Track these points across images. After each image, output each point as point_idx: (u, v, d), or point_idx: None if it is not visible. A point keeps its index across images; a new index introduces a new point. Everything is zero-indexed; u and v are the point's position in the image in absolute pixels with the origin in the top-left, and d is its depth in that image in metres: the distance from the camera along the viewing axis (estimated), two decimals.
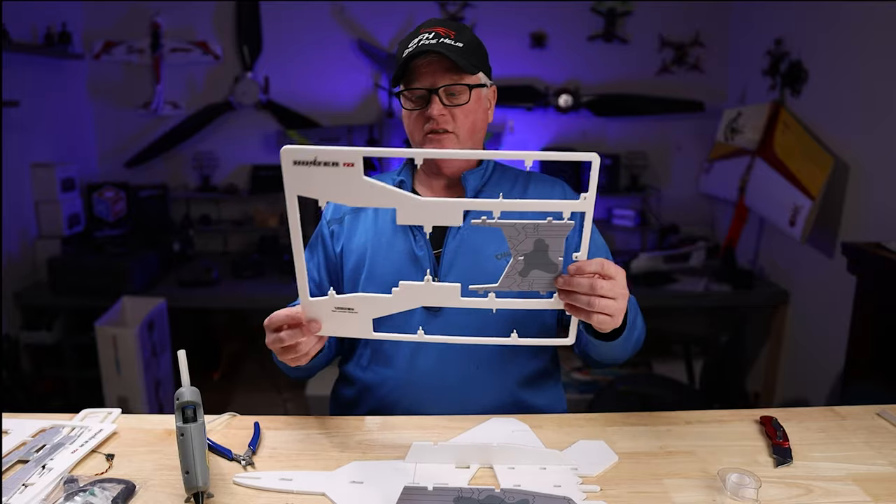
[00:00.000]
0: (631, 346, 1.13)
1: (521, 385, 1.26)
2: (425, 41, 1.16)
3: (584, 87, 3.73)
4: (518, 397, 1.26)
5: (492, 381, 1.23)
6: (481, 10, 3.69)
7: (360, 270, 1.24)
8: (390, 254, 1.23)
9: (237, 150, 3.88)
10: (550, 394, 1.33)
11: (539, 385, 1.30)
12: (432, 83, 1.17)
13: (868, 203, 2.49)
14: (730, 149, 3.37)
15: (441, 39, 1.16)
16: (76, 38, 3.53)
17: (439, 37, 1.16)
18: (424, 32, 1.18)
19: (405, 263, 1.22)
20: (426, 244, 1.22)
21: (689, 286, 3.15)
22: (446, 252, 1.22)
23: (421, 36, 1.17)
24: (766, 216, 3.10)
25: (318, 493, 0.95)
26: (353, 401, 1.29)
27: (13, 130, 2.99)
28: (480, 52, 1.23)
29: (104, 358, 2.74)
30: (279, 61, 3.75)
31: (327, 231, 1.30)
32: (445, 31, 1.18)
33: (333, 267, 1.30)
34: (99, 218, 3.64)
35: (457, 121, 1.18)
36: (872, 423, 1.16)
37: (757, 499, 0.91)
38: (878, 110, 2.43)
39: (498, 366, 1.23)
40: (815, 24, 2.86)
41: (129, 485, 0.94)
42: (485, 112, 1.24)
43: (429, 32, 1.17)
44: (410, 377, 1.22)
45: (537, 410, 1.27)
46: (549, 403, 1.32)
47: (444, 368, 1.21)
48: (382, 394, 1.24)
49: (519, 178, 1.30)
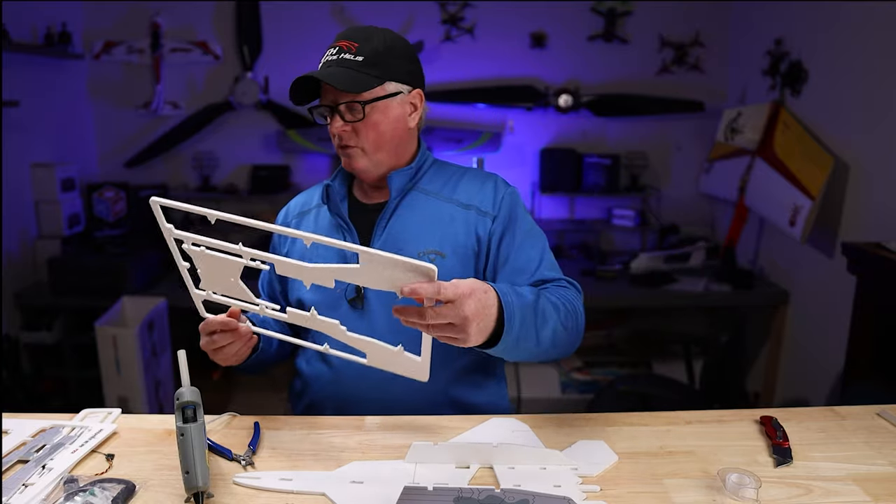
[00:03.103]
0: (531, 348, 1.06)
1: (453, 382, 1.25)
2: (329, 57, 1.19)
3: (584, 87, 3.73)
4: (451, 395, 1.25)
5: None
6: (481, 10, 3.69)
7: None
8: (324, 253, 1.25)
9: (237, 150, 3.88)
10: (491, 391, 1.31)
11: (476, 382, 1.28)
12: (333, 100, 1.19)
13: (868, 203, 2.49)
14: (730, 149, 3.37)
15: (342, 55, 1.17)
16: (76, 38, 3.53)
17: (341, 51, 1.18)
18: (332, 47, 1.20)
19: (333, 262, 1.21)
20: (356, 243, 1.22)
21: (689, 286, 3.15)
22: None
23: (328, 51, 1.20)
24: (766, 216, 3.10)
25: (318, 493, 0.95)
26: (298, 393, 1.33)
27: (13, 130, 2.98)
28: (390, 59, 1.19)
29: (104, 358, 2.74)
30: (279, 61, 3.75)
31: (277, 239, 1.35)
32: (348, 44, 1.18)
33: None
34: (99, 218, 3.64)
35: (359, 135, 1.20)
36: (872, 423, 1.16)
37: (757, 499, 0.91)
38: (878, 110, 2.43)
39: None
40: (815, 24, 2.86)
41: (129, 485, 0.94)
42: (397, 120, 1.22)
43: (334, 47, 1.19)
44: (339, 374, 1.24)
45: (476, 409, 1.25)
46: (490, 401, 1.30)
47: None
48: (317, 388, 1.27)
49: (454, 174, 1.30)
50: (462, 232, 1.23)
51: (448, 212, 1.24)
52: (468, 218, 1.24)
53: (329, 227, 1.28)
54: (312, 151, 3.82)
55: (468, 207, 1.24)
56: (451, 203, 1.25)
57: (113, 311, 2.85)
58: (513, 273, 1.22)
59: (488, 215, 1.24)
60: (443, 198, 1.26)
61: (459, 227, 1.23)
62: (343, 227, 1.26)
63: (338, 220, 1.27)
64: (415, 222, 1.24)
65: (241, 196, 3.82)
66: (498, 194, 1.26)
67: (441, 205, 1.25)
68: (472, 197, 1.26)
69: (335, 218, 1.27)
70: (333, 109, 1.19)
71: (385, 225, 1.24)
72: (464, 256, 1.22)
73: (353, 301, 1.23)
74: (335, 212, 1.27)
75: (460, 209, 1.24)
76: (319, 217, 1.32)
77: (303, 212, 1.35)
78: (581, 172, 3.78)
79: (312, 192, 1.38)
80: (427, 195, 1.26)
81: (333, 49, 1.19)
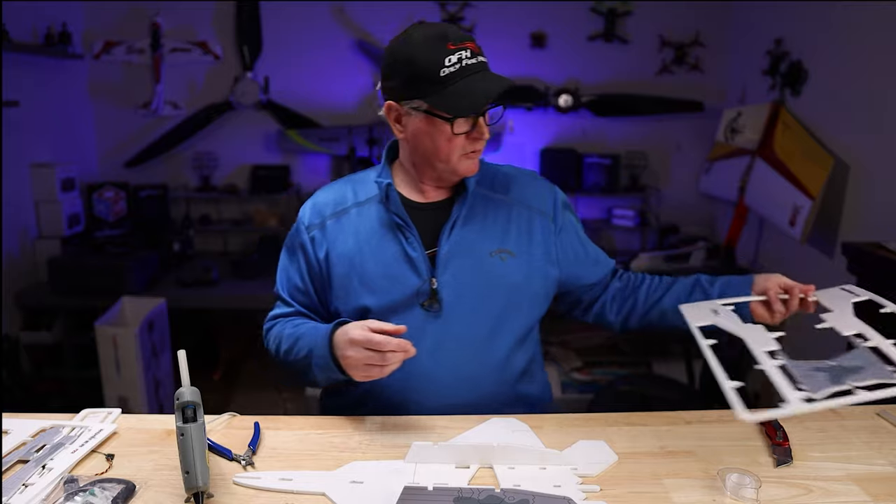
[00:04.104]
0: None
1: (520, 378, 1.28)
2: (469, 60, 1.12)
3: (584, 87, 3.73)
4: (519, 391, 1.28)
5: (494, 378, 1.24)
6: (481, 10, 3.69)
7: (353, 276, 1.23)
8: (380, 255, 1.22)
9: (237, 150, 3.88)
10: (543, 382, 1.36)
11: (532, 374, 1.32)
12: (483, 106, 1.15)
13: (868, 203, 2.49)
14: (730, 149, 3.37)
15: (479, 58, 1.14)
16: (76, 38, 3.53)
17: (475, 54, 1.13)
18: (461, 49, 1.12)
19: (397, 265, 1.21)
20: (419, 245, 1.21)
21: None
22: (441, 252, 1.21)
23: (461, 53, 1.12)
24: (766, 216, 3.10)
25: (318, 493, 0.95)
26: (358, 400, 1.27)
27: (13, 130, 2.98)
28: None
29: (104, 358, 2.74)
30: (279, 61, 3.75)
31: (307, 237, 1.27)
32: (473, 45, 1.14)
33: (317, 273, 1.27)
34: (99, 218, 3.64)
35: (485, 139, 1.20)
36: (872, 423, 1.16)
37: (757, 499, 0.91)
38: (877, 110, 2.43)
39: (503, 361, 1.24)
40: (815, 24, 2.86)
41: (129, 485, 0.94)
42: None
43: (464, 49, 1.12)
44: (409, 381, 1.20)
45: (532, 400, 1.29)
46: (542, 390, 1.35)
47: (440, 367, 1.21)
48: (386, 396, 1.23)
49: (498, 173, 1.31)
50: (525, 231, 1.26)
51: (511, 211, 1.26)
52: (531, 217, 1.27)
53: (381, 226, 1.23)
54: (312, 151, 3.82)
55: (529, 207, 1.27)
56: (511, 202, 1.27)
57: (113, 311, 2.85)
58: (595, 265, 1.35)
59: (548, 216, 1.28)
60: (501, 197, 1.27)
61: (524, 227, 1.26)
62: (403, 226, 1.21)
63: (396, 219, 1.22)
64: (481, 221, 1.24)
65: (241, 196, 3.82)
66: (552, 194, 1.31)
67: (501, 204, 1.27)
68: (528, 197, 1.29)
69: (392, 216, 1.22)
70: (478, 114, 1.15)
71: (453, 225, 1.22)
72: (529, 255, 1.25)
73: (427, 304, 1.20)
74: (395, 211, 1.22)
75: (522, 209, 1.27)
76: (363, 216, 1.25)
77: (338, 212, 1.27)
78: (581, 172, 3.78)
79: (339, 189, 1.30)
80: (487, 195, 1.27)
81: (465, 52, 1.12)
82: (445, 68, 1.10)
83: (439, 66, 1.10)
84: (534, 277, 1.25)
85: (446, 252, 1.21)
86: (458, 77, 1.11)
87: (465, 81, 1.11)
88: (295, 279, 1.30)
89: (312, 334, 1.18)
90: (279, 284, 1.33)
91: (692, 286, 1.34)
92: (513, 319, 1.24)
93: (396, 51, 1.16)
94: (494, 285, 1.22)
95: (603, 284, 1.38)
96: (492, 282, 1.21)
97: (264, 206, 3.88)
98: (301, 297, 1.31)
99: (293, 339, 1.22)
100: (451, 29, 1.14)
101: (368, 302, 1.21)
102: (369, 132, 3.66)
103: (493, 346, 1.23)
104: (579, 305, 1.40)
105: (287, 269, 1.31)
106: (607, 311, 1.37)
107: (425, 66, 1.11)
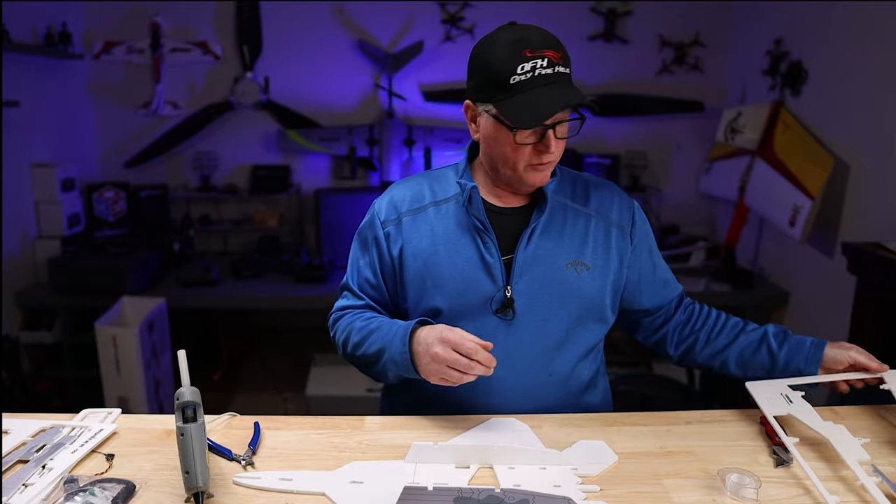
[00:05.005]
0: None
1: (585, 388, 1.27)
2: (543, 70, 1.08)
3: (584, 87, 3.72)
4: (585, 401, 1.27)
5: (560, 388, 1.23)
6: (481, 10, 3.69)
7: (426, 277, 1.20)
8: (456, 258, 1.19)
9: (237, 150, 3.88)
10: (603, 389, 1.34)
11: (596, 384, 1.31)
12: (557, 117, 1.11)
13: (868, 203, 2.49)
14: (730, 149, 3.37)
15: (557, 68, 1.09)
16: (76, 38, 3.53)
17: (553, 64, 1.09)
18: (538, 57, 1.08)
19: (474, 269, 1.19)
20: (496, 250, 1.19)
21: (690, 286, 3.14)
22: (518, 260, 1.19)
23: (537, 61, 1.08)
24: (766, 216, 3.10)
25: (318, 493, 0.95)
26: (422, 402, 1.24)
27: (13, 130, 2.98)
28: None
29: (104, 358, 2.74)
30: (279, 61, 3.75)
31: (382, 233, 1.24)
32: (554, 54, 1.09)
33: (389, 269, 1.25)
34: (99, 218, 3.64)
35: (559, 150, 1.15)
36: (872, 423, 1.16)
37: (757, 499, 0.91)
38: (877, 110, 2.43)
39: (569, 372, 1.23)
40: (815, 24, 2.86)
41: (129, 485, 0.94)
42: None
43: (541, 58, 1.08)
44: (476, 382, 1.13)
45: (594, 409, 1.28)
46: (605, 398, 1.34)
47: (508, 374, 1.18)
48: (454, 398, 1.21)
49: (576, 180, 1.28)
50: (603, 245, 1.22)
51: (588, 222, 1.23)
52: (608, 230, 1.23)
53: (458, 228, 1.21)
54: (312, 151, 3.82)
55: (606, 220, 1.24)
56: (589, 213, 1.23)
57: (113, 311, 2.85)
58: (663, 287, 1.31)
59: (625, 230, 1.24)
60: (580, 207, 1.23)
61: (601, 240, 1.22)
62: (482, 230, 1.19)
63: (476, 223, 1.19)
64: (559, 231, 1.21)
65: (241, 196, 3.82)
66: (630, 208, 1.27)
67: (580, 214, 1.23)
68: (605, 208, 1.24)
69: (473, 220, 1.19)
70: (548, 126, 1.11)
71: (531, 233, 1.19)
72: (604, 269, 1.22)
73: (501, 311, 1.18)
74: (476, 214, 1.19)
75: (600, 221, 1.23)
76: (441, 216, 1.23)
77: (414, 209, 1.24)
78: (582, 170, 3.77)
79: (416, 186, 1.27)
80: (566, 204, 1.23)
81: (542, 61, 1.08)
82: (517, 76, 1.07)
83: (511, 72, 1.08)
84: (606, 292, 1.23)
85: (523, 261, 1.19)
86: (528, 86, 1.07)
87: (535, 92, 1.07)
88: (366, 273, 1.27)
89: (388, 329, 1.16)
90: (349, 276, 1.31)
91: (759, 343, 1.29)
92: (582, 332, 1.22)
93: (479, 50, 1.14)
94: (568, 297, 1.19)
95: (665, 312, 1.34)
96: (565, 293, 1.19)
97: (264, 206, 3.88)
98: (372, 292, 1.29)
99: (365, 332, 1.20)
100: (535, 35, 1.10)
101: (440, 304, 1.19)
102: (369, 132, 3.66)
103: (562, 358, 1.21)
104: (638, 328, 1.37)
105: (358, 261, 1.29)
106: (668, 343, 1.34)
107: (499, 71, 1.09)
